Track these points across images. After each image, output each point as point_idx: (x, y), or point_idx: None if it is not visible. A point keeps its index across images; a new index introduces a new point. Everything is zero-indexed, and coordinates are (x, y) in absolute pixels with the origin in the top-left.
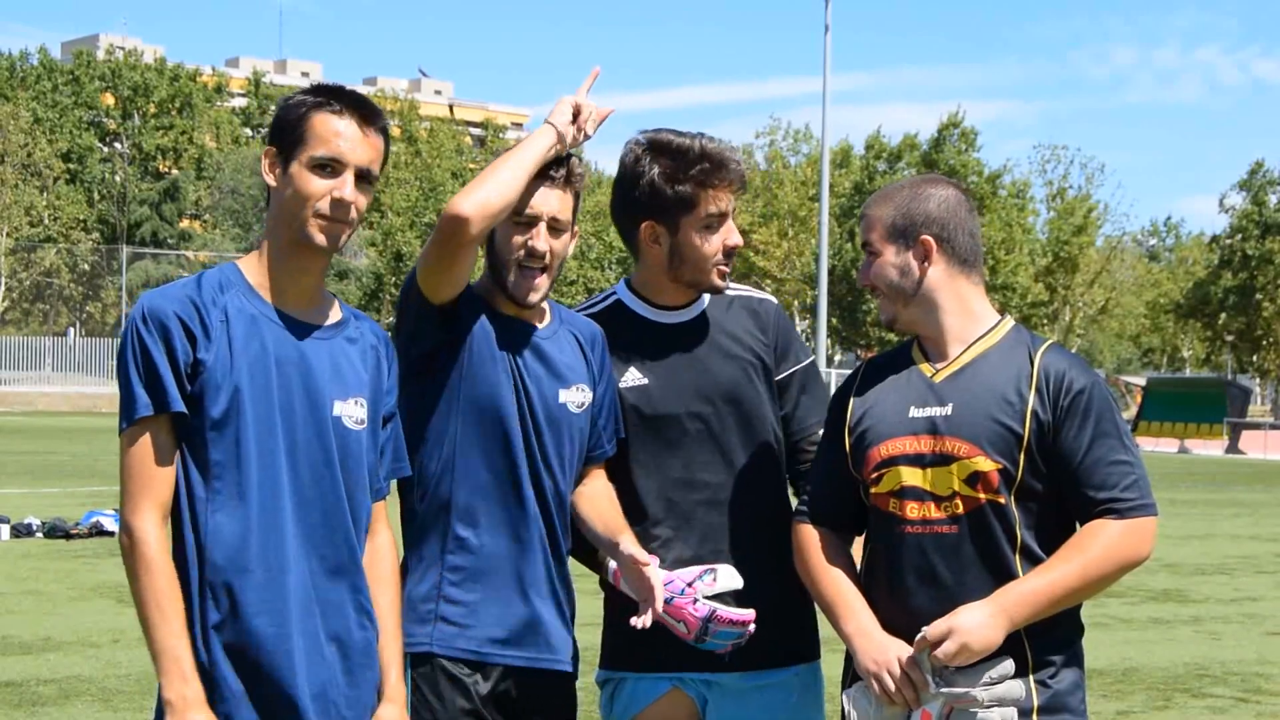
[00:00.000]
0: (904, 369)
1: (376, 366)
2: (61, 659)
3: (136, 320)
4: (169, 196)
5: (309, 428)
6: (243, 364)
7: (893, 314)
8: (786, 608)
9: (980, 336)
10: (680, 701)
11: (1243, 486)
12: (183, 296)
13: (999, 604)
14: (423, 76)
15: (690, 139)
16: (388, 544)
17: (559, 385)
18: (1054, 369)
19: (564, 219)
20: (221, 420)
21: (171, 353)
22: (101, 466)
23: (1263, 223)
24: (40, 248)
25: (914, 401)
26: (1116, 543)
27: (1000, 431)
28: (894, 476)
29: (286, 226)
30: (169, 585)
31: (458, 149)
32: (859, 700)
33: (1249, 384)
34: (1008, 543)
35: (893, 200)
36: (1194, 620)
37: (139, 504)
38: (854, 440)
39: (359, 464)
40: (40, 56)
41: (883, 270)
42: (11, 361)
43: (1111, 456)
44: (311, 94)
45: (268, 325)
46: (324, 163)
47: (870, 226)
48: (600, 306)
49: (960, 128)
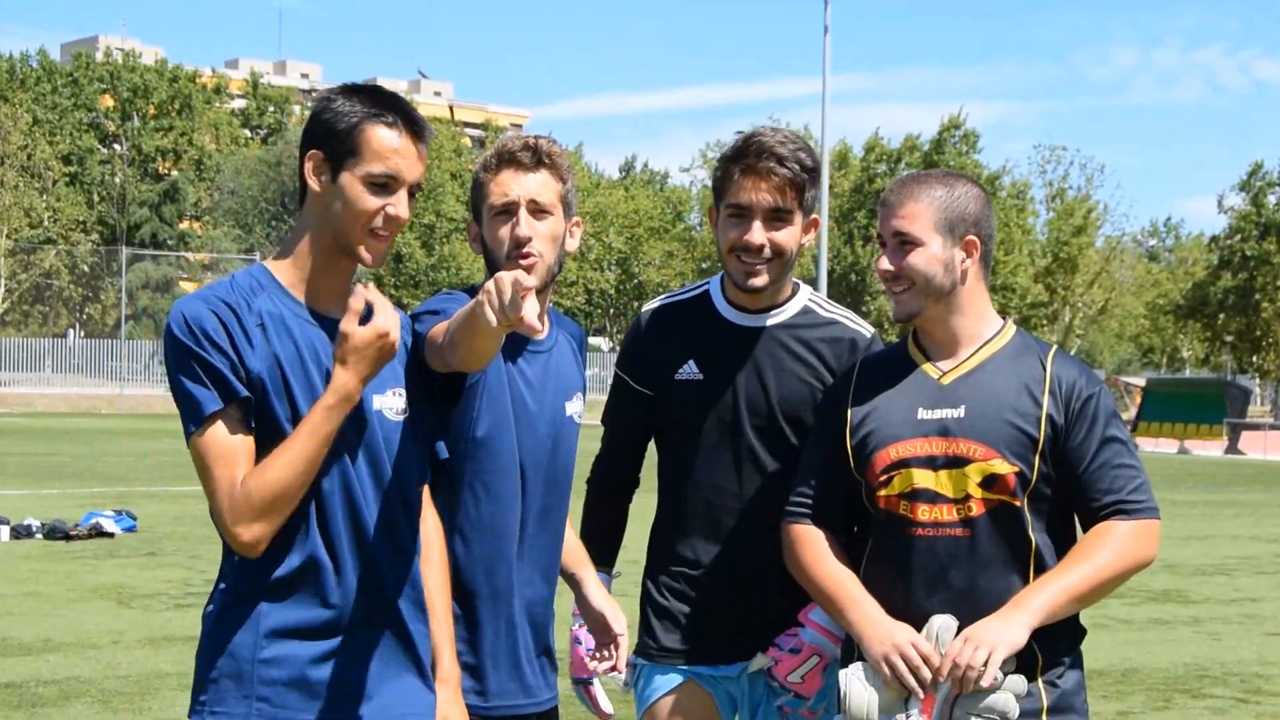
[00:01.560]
0: (905, 369)
1: (405, 353)
2: (61, 660)
3: (176, 328)
4: (168, 198)
5: (352, 427)
6: (281, 365)
7: (917, 309)
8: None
9: (988, 340)
10: (696, 693)
11: (1242, 487)
12: (218, 300)
13: (1018, 606)
14: (422, 78)
15: (756, 133)
16: (434, 525)
17: (564, 399)
18: (1066, 375)
19: (545, 201)
20: (261, 425)
21: (220, 350)
22: (100, 468)
23: (1261, 223)
24: (40, 249)
25: (923, 403)
26: (1128, 543)
27: (1017, 435)
28: (905, 479)
29: (332, 235)
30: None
31: (457, 150)
32: (853, 681)
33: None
34: (1021, 545)
35: (932, 191)
36: (1194, 621)
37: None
38: (856, 442)
39: (407, 454)
40: (40, 58)
41: (926, 262)
42: (11, 363)
43: (1118, 460)
44: (361, 100)
45: (302, 326)
46: (380, 180)
47: (910, 216)
48: (690, 295)
49: (962, 129)
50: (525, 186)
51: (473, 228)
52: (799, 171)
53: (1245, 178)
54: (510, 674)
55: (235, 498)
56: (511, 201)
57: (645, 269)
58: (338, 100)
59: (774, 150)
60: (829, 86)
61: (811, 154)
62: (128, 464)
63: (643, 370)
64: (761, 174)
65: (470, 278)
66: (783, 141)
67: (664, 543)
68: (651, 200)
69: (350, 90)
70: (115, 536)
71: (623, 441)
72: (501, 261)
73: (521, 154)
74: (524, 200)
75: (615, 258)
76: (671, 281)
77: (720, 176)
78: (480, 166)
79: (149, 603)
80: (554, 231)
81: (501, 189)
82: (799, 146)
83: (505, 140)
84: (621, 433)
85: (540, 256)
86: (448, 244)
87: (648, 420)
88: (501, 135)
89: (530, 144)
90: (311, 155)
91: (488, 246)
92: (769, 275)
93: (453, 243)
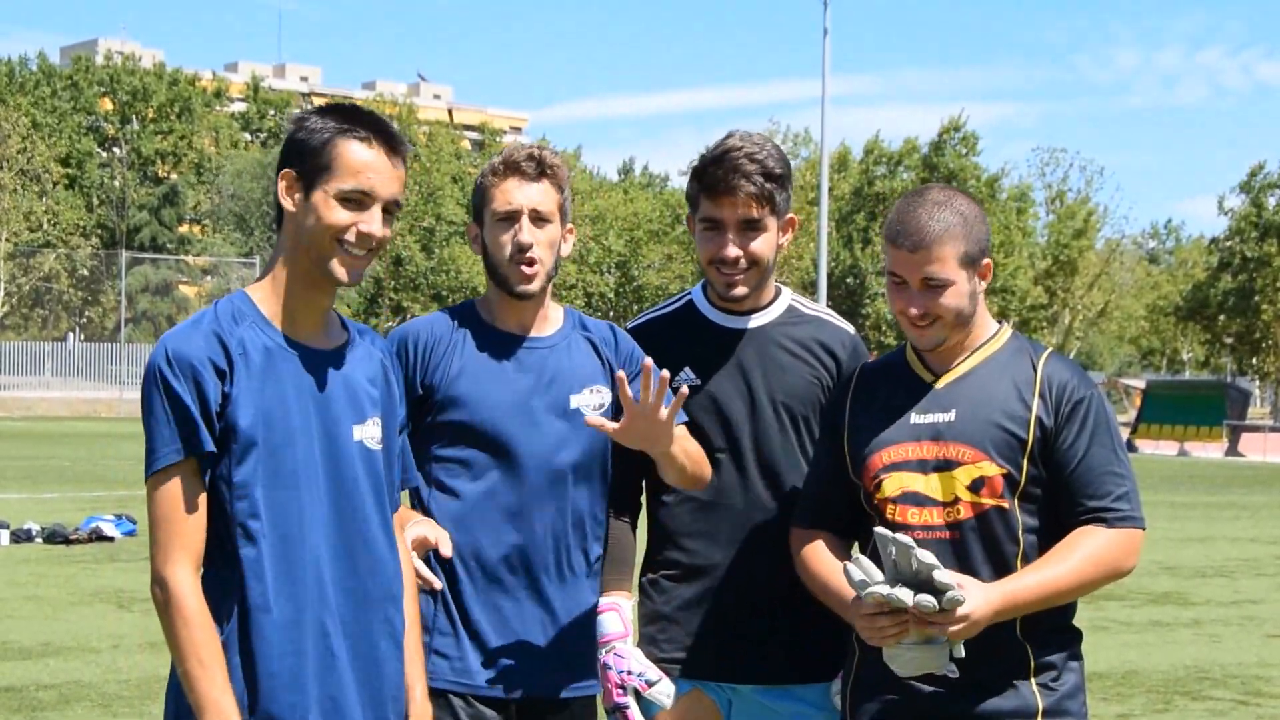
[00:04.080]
0: (901, 375)
1: (385, 382)
2: (61, 664)
3: (160, 364)
4: (168, 201)
5: (330, 458)
6: (261, 400)
7: (943, 338)
8: (810, 625)
9: (982, 344)
10: (703, 703)
11: (1242, 489)
12: (207, 333)
13: (999, 591)
14: (422, 80)
15: (723, 146)
16: (404, 556)
17: (570, 391)
18: (1057, 377)
19: (545, 209)
20: (244, 457)
21: (202, 394)
22: (100, 471)
23: (1261, 225)
24: (39, 253)
25: (915, 408)
26: (1104, 550)
27: (1005, 437)
28: (895, 482)
29: (305, 255)
30: (208, 637)
31: (456, 154)
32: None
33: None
34: (1010, 546)
35: (950, 228)
36: (1194, 623)
37: (171, 554)
38: (853, 447)
39: (381, 484)
40: (39, 62)
41: (957, 301)
42: (11, 366)
43: (1106, 466)
44: (334, 118)
45: (283, 357)
46: (352, 196)
47: (938, 259)
48: (673, 307)
49: (961, 131)
50: (528, 195)
51: (473, 229)
52: (763, 184)
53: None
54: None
55: (160, 570)
56: (515, 209)
57: (644, 272)
58: (311, 119)
59: (740, 166)
60: (828, 89)
61: (780, 158)
62: (127, 467)
63: None
64: (729, 190)
65: (470, 280)
66: (750, 154)
67: (663, 549)
68: (651, 203)
69: (325, 109)
70: (115, 540)
71: (624, 460)
72: (503, 264)
73: (526, 164)
74: (526, 208)
75: (614, 260)
76: (671, 284)
77: (691, 190)
78: (487, 171)
79: (149, 606)
80: (552, 238)
81: (506, 196)
82: (766, 154)
83: (511, 150)
84: (621, 453)
85: (540, 261)
86: (447, 247)
87: None
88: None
89: (534, 155)
90: (284, 175)
91: (488, 249)
92: (748, 284)
93: (452, 245)
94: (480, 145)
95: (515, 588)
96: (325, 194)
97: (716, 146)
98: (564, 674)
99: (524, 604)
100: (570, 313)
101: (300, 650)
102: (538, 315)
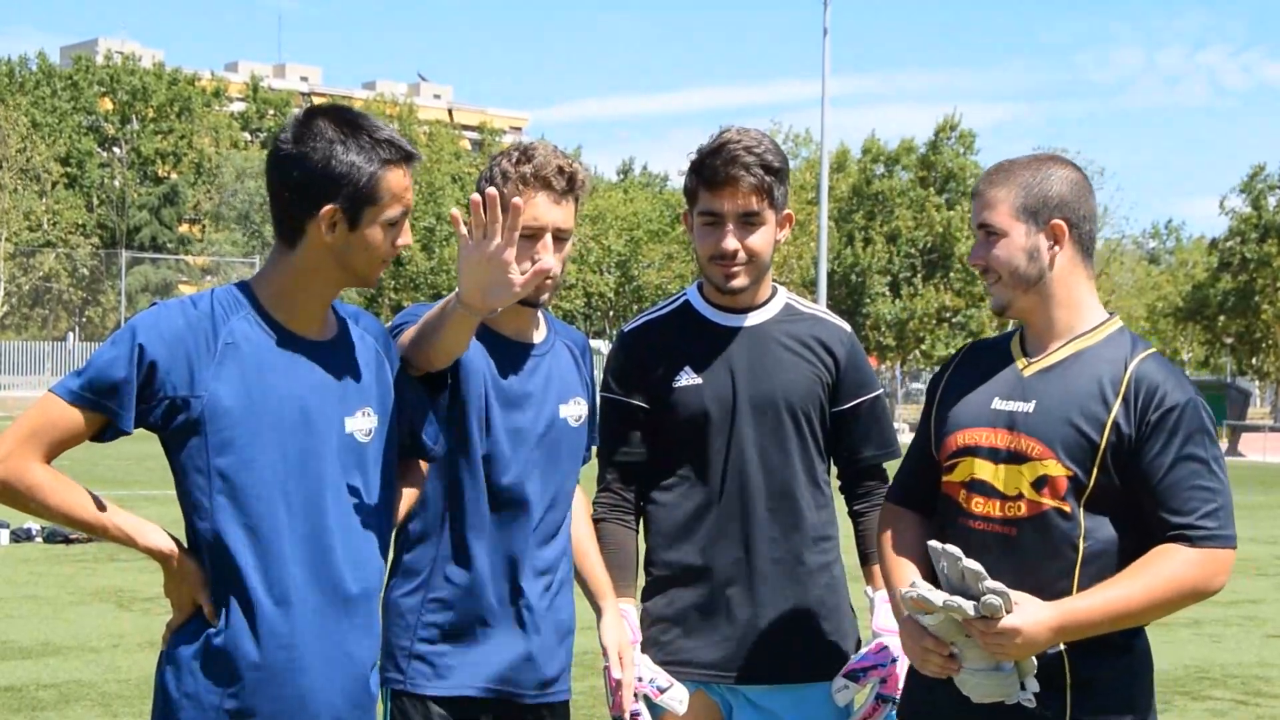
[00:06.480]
0: (1000, 358)
1: (379, 367)
2: (61, 664)
3: (139, 327)
4: (168, 201)
5: (317, 451)
6: (245, 390)
7: (1007, 300)
8: (810, 624)
9: (1082, 334)
10: (705, 703)
11: (1242, 489)
12: (198, 317)
13: (1056, 608)
14: (422, 80)
15: (721, 139)
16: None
17: (560, 402)
18: (1147, 380)
19: (567, 227)
20: (227, 449)
21: (152, 375)
22: (101, 471)
23: (1261, 226)
24: (39, 252)
25: (999, 393)
26: (1184, 571)
27: (1076, 438)
28: (967, 467)
29: (338, 269)
30: (71, 484)
31: (456, 154)
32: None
33: (1248, 387)
34: (1068, 552)
35: (1016, 178)
36: (1194, 623)
37: (23, 448)
38: (938, 423)
39: (374, 474)
40: (39, 61)
41: (1009, 253)
42: (10, 366)
43: (1194, 480)
44: (375, 149)
45: (272, 348)
46: (398, 220)
47: (990, 205)
48: (669, 309)
49: (958, 130)
50: (554, 216)
51: None
52: (763, 176)
53: (1246, 180)
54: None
55: (5, 462)
56: (541, 228)
57: (644, 272)
58: (346, 156)
59: (739, 158)
60: (828, 89)
61: (778, 153)
62: (127, 467)
63: (638, 386)
64: (728, 182)
65: None
66: (748, 147)
67: (662, 550)
68: (651, 203)
69: (353, 139)
70: None
71: (624, 463)
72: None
73: (556, 179)
74: (551, 227)
75: (614, 260)
76: (671, 284)
77: (690, 185)
78: (512, 175)
79: (149, 606)
80: (568, 252)
81: (532, 213)
82: (764, 148)
83: (541, 158)
84: (621, 455)
85: (555, 278)
86: (447, 246)
87: (645, 436)
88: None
89: (564, 169)
90: (326, 212)
91: None
92: (747, 277)
93: (452, 245)
94: (480, 145)
95: (505, 599)
96: (375, 224)
97: (714, 140)
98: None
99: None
100: (548, 316)
101: (286, 644)
102: (532, 321)
